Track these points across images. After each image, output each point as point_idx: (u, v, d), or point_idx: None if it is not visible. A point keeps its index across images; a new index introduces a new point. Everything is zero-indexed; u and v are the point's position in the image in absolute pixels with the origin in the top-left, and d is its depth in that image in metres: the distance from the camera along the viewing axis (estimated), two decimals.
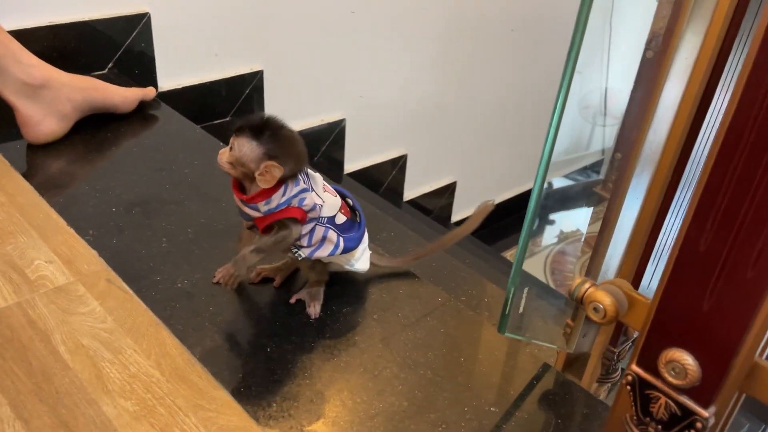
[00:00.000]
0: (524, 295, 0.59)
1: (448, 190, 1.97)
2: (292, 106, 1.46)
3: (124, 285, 0.68)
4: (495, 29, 1.82)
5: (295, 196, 0.61)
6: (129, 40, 1.14)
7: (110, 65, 1.13)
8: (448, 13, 1.68)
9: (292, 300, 0.69)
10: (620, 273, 0.61)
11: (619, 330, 0.65)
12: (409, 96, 1.71)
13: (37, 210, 0.78)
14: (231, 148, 0.59)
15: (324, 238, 0.64)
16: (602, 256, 0.62)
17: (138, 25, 1.14)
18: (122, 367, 0.59)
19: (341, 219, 0.65)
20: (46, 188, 0.82)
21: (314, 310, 0.68)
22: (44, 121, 0.91)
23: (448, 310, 0.71)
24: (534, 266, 1.96)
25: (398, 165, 1.76)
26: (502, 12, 1.81)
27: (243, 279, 0.61)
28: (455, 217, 2.05)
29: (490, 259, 1.67)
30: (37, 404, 0.54)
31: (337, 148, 1.59)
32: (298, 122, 1.48)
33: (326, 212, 0.64)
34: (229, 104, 1.33)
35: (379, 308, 0.70)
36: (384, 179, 1.75)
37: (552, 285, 1.77)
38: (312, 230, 0.63)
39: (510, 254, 2.05)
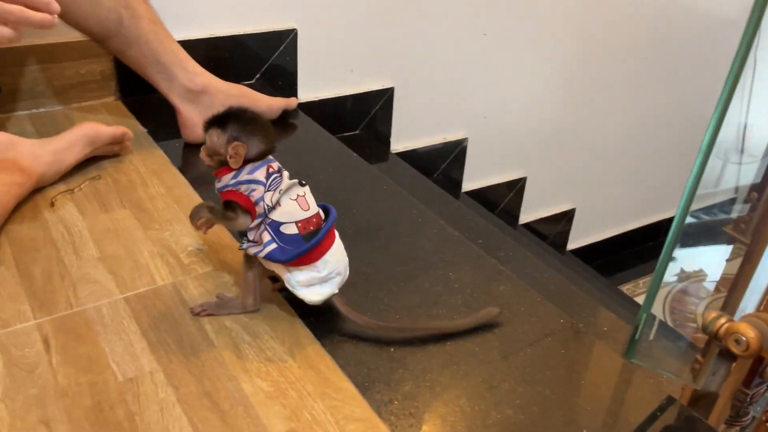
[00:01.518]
0: (655, 324, 0.58)
1: (566, 217, 1.93)
2: (417, 123, 1.50)
3: (265, 278, 0.73)
4: (625, 56, 1.78)
5: (245, 182, 0.63)
6: (276, 54, 1.23)
7: (257, 76, 1.23)
8: (579, 38, 1.67)
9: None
10: (761, 310, 0.59)
11: (755, 371, 0.62)
12: (533, 119, 1.70)
13: (191, 202, 0.86)
14: (206, 143, 0.65)
15: (261, 237, 0.64)
16: (741, 292, 0.60)
17: (285, 40, 1.23)
18: (259, 351, 0.64)
19: (290, 230, 0.63)
20: (198, 183, 0.91)
21: (198, 310, 0.67)
22: (201, 123, 1.00)
23: (569, 332, 0.71)
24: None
25: (516, 187, 1.75)
26: (634, 39, 1.77)
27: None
28: (571, 245, 2.00)
29: (605, 290, 1.63)
30: (185, 374, 0.60)
31: (456, 166, 1.61)
32: (421, 140, 1.52)
33: (276, 216, 0.63)
34: (360, 118, 1.39)
35: (500, 323, 0.71)
36: (500, 201, 1.75)
37: (670, 323, 1.69)
38: (258, 226, 0.64)
39: (627, 288, 1.98)
